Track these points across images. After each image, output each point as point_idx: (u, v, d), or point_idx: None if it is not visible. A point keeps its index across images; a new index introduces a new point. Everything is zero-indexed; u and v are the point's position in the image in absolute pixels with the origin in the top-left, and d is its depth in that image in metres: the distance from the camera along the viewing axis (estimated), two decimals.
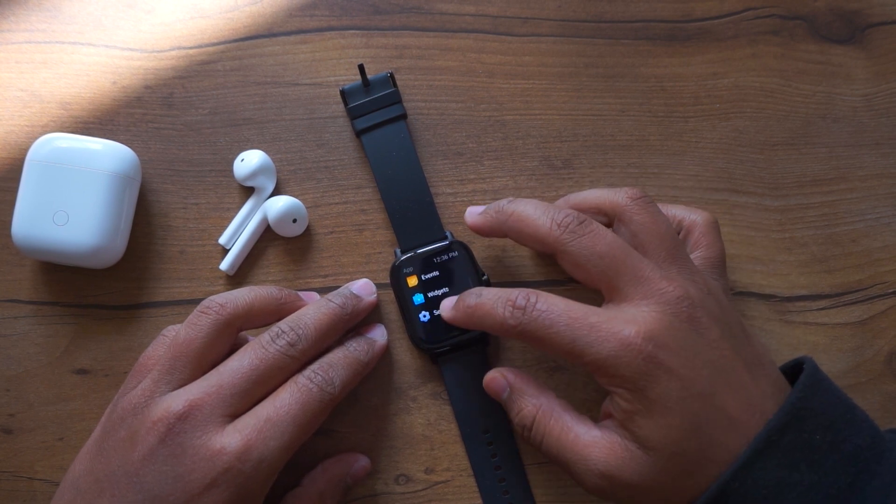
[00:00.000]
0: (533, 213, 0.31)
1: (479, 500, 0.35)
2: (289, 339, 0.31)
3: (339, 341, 0.34)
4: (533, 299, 0.30)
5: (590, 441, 0.30)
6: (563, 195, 0.38)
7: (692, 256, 0.33)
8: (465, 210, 0.35)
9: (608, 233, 0.30)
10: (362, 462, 0.34)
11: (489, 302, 0.31)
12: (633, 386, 0.28)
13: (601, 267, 0.30)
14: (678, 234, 0.34)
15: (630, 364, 0.28)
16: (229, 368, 0.30)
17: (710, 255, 0.33)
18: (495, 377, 0.33)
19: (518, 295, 0.30)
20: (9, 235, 0.36)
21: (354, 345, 0.33)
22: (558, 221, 0.31)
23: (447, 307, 0.33)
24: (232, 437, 0.28)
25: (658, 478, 0.28)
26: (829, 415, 0.28)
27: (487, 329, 0.31)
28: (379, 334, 0.35)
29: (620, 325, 0.28)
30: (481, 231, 0.33)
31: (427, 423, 0.36)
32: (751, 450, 0.27)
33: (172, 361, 0.30)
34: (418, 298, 0.35)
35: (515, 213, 0.32)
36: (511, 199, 0.33)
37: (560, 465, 0.31)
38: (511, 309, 0.30)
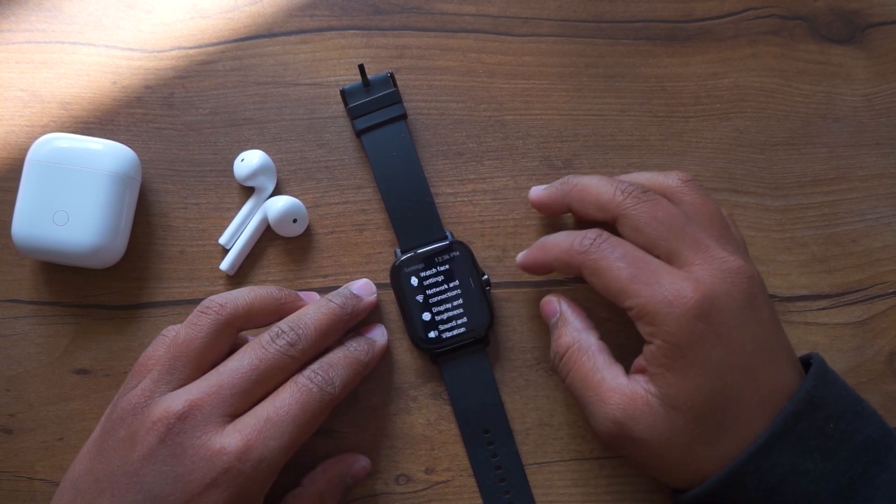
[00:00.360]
0: (597, 182, 0.33)
1: (480, 501, 0.35)
2: (289, 339, 0.31)
3: (340, 341, 0.34)
4: (605, 234, 0.31)
5: (614, 387, 0.30)
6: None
7: None
8: (471, 209, 0.36)
9: (669, 203, 0.31)
10: (362, 462, 0.34)
11: (562, 235, 0.32)
12: (674, 340, 0.28)
13: (662, 231, 0.30)
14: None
15: (680, 318, 0.28)
16: (229, 368, 0.30)
17: (741, 241, 0.34)
18: (550, 301, 0.34)
19: (590, 231, 0.31)
20: (9, 235, 0.36)
21: (355, 345, 0.33)
22: (621, 189, 0.31)
23: (521, 255, 0.34)
24: (232, 437, 0.28)
25: (671, 438, 0.28)
26: (840, 406, 0.29)
27: (553, 261, 0.32)
28: (379, 334, 0.35)
29: (683, 279, 0.29)
30: (545, 205, 0.34)
31: (427, 423, 0.36)
32: (768, 433, 0.27)
33: (172, 361, 0.30)
34: (418, 298, 0.35)
35: (580, 183, 0.33)
36: (573, 174, 0.34)
37: (579, 402, 0.31)
38: (581, 238, 0.31)
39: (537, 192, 0.35)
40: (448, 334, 0.35)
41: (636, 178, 0.34)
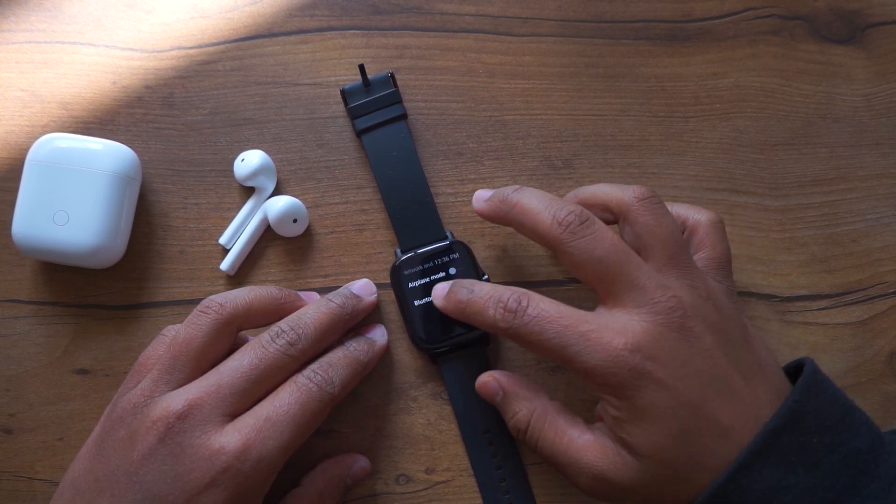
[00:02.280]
0: (536, 206, 0.31)
1: (480, 501, 0.35)
2: (288, 339, 0.31)
3: (339, 341, 0.34)
4: (524, 303, 0.30)
5: (582, 445, 0.30)
6: (563, 195, 0.38)
7: (696, 257, 0.33)
8: (471, 209, 0.34)
9: (608, 235, 0.30)
10: (362, 463, 0.34)
11: (480, 301, 0.31)
12: (621, 394, 0.28)
13: (598, 271, 0.30)
14: (682, 233, 0.34)
15: (617, 374, 0.28)
16: (229, 368, 0.30)
17: (714, 256, 0.33)
18: (487, 381, 0.33)
19: (510, 297, 0.30)
20: (9, 235, 0.36)
21: (354, 345, 0.33)
22: (559, 219, 0.30)
23: (438, 295, 0.33)
24: (231, 437, 0.28)
25: (649, 482, 0.28)
26: (827, 417, 0.28)
27: (478, 326, 0.32)
28: (379, 334, 0.35)
29: (610, 335, 0.28)
30: (485, 217, 0.33)
31: (427, 423, 0.36)
32: (746, 452, 0.27)
33: (172, 361, 0.30)
34: (419, 298, 0.35)
35: (519, 203, 0.32)
36: (517, 187, 0.32)
37: (555, 467, 0.31)
38: (502, 312, 0.30)
39: (479, 201, 0.34)
40: (448, 334, 0.35)
41: (595, 193, 0.33)
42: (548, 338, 0.29)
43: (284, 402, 0.29)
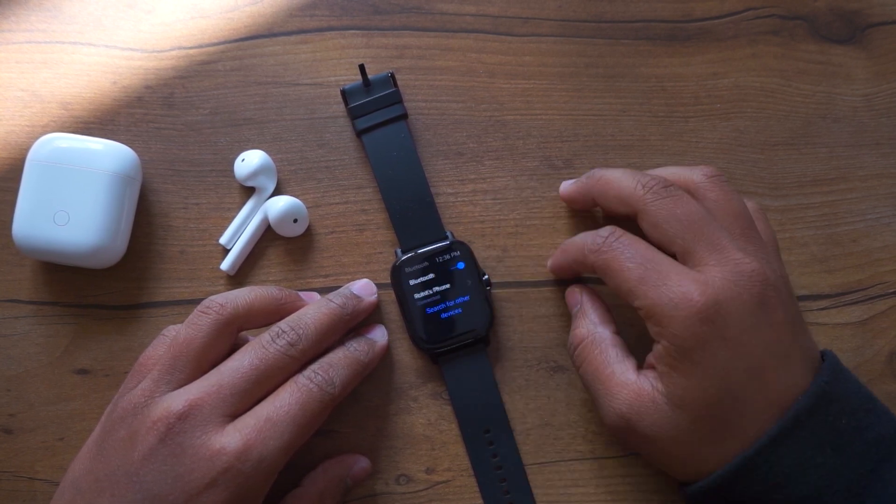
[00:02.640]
0: (620, 175, 0.33)
1: (480, 501, 0.35)
2: (289, 339, 0.31)
3: (340, 341, 0.34)
4: (618, 233, 0.31)
5: (622, 381, 0.30)
6: None
7: None
8: (471, 209, 0.36)
9: (691, 200, 0.31)
10: (362, 463, 0.34)
11: (580, 235, 0.33)
12: (679, 342, 0.28)
13: (679, 229, 0.30)
14: None
15: (686, 321, 0.28)
16: (229, 368, 0.30)
17: (768, 241, 0.33)
18: (574, 292, 0.35)
19: (604, 229, 0.32)
20: (9, 235, 0.36)
21: (355, 345, 0.33)
22: (643, 183, 0.31)
23: (550, 261, 0.35)
24: (232, 437, 0.28)
25: (675, 437, 0.29)
26: (853, 402, 0.29)
27: (572, 262, 0.33)
28: (379, 335, 0.35)
29: (691, 281, 0.29)
30: (572, 200, 0.35)
31: (427, 423, 0.36)
32: (778, 428, 0.27)
33: (172, 361, 0.30)
34: (419, 298, 0.35)
35: (604, 177, 0.33)
36: (599, 167, 0.34)
37: (590, 393, 0.32)
38: (594, 236, 0.32)
39: (566, 186, 0.36)
40: (448, 334, 0.35)
41: (662, 173, 0.34)
42: (630, 266, 0.30)
43: (285, 402, 0.29)
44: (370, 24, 0.39)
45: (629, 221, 0.33)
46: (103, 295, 0.36)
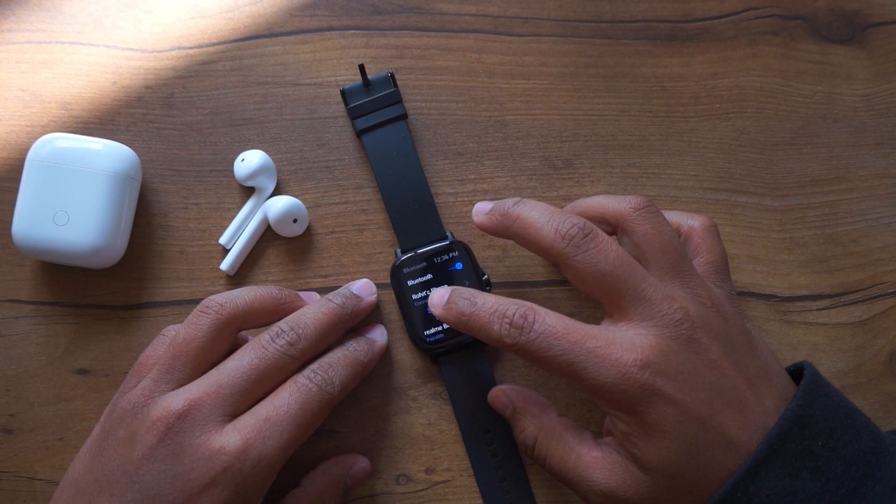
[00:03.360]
0: (538, 219, 0.31)
1: (480, 500, 0.35)
2: (288, 339, 0.31)
3: (339, 341, 0.34)
4: (530, 318, 0.29)
5: (591, 461, 0.30)
6: (563, 195, 0.38)
7: (694, 262, 0.33)
8: (471, 209, 0.34)
9: (612, 247, 0.30)
10: (362, 463, 0.34)
11: (484, 315, 0.30)
12: (630, 410, 0.28)
13: (604, 284, 0.29)
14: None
15: (627, 391, 0.28)
16: (229, 368, 0.30)
17: (712, 261, 0.33)
18: (498, 396, 0.34)
19: (515, 312, 0.29)
20: (9, 235, 0.36)
21: (354, 345, 0.33)
22: (563, 233, 0.30)
23: (437, 304, 0.31)
24: (231, 437, 0.28)
25: (659, 497, 0.28)
26: (829, 421, 0.28)
27: (481, 339, 0.31)
28: (379, 334, 0.35)
29: (619, 351, 0.28)
30: (486, 231, 0.33)
31: (427, 423, 0.36)
32: (752, 459, 0.27)
33: (172, 361, 0.30)
34: (418, 298, 0.35)
35: (521, 217, 0.31)
36: (518, 199, 0.32)
37: (564, 484, 0.31)
38: (508, 328, 0.29)
39: (479, 214, 0.33)
40: (448, 334, 0.35)
41: (591, 205, 0.33)
42: (555, 354, 0.28)
43: (284, 402, 0.29)
44: (370, 24, 0.39)
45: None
46: (103, 295, 0.36)
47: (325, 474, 0.34)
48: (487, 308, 0.30)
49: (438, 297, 0.32)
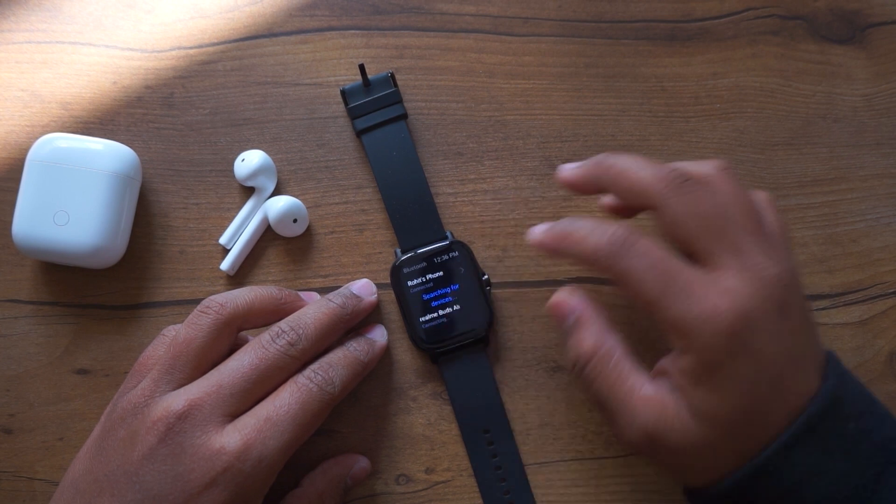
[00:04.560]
0: (634, 165, 0.30)
1: (480, 501, 0.35)
2: (289, 339, 0.31)
3: (340, 341, 0.34)
4: (633, 238, 0.28)
5: (642, 397, 0.29)
6: (564, 195, 0.38)
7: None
8: (471, 208, 0.34)
9: (713, 195, 0.29)
10: (362, 463, 0.34)
11: (585, 228, 0.29)
12: (708, 356, 0.27)
13: (701, 228, 0.28)
14: None
15: (714, 335, 0.27)
16: (229, 368, 0.30)
17: (780, 233, 0.31)
18: (563, 301, 0.31)
19: (616, 229, 0.29)
20: (9, 235, 0.36)
21: (354, 345, 0.33)
22: (661, 175, 0.29)
23: (537, 231, 0.31)
24: (231, 437, 0.28)
25: (700, 450, 0.28)
26: (858, 405, 0.28)
27: (575, 257, 0.30)
28: (379, 334, 0.35)
29: (715, 293, 0.27)
30: (577, 185, 0.32)
31: (427, 423, 0.36)
32: (790, 433, 0.27)
33: (172, 361, 0.30)
34: (418, 298, 0.35)
35: (616, 165, 0.30)
36: (608, 153, 0.31)
37: (602, 411, 0.30)
38: (607, 242, 0.29)
39: (569, 169, 0.32)
40: (448, 334, 0.35)
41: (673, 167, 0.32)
42: (648, 279, 0.28)
43: (285, 402, 0.29)
44: (370, 24, 0.39)
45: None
46: (103, 295, 0.36)
47: (325, 474, 0.34)
48: (589, 224, 0.30)
49: (540, 228, 0.31)
